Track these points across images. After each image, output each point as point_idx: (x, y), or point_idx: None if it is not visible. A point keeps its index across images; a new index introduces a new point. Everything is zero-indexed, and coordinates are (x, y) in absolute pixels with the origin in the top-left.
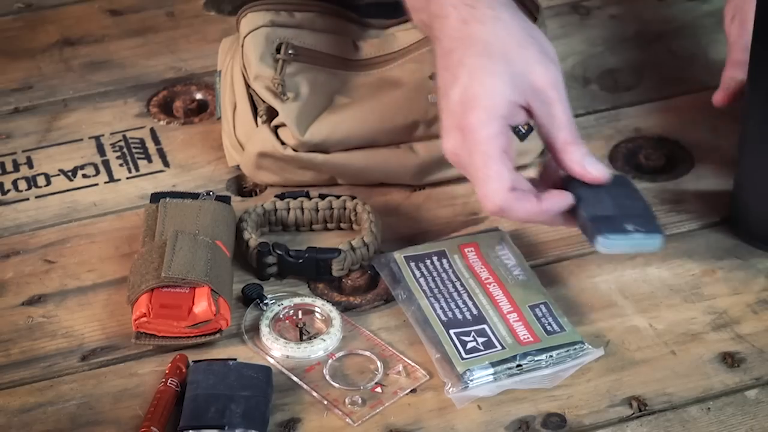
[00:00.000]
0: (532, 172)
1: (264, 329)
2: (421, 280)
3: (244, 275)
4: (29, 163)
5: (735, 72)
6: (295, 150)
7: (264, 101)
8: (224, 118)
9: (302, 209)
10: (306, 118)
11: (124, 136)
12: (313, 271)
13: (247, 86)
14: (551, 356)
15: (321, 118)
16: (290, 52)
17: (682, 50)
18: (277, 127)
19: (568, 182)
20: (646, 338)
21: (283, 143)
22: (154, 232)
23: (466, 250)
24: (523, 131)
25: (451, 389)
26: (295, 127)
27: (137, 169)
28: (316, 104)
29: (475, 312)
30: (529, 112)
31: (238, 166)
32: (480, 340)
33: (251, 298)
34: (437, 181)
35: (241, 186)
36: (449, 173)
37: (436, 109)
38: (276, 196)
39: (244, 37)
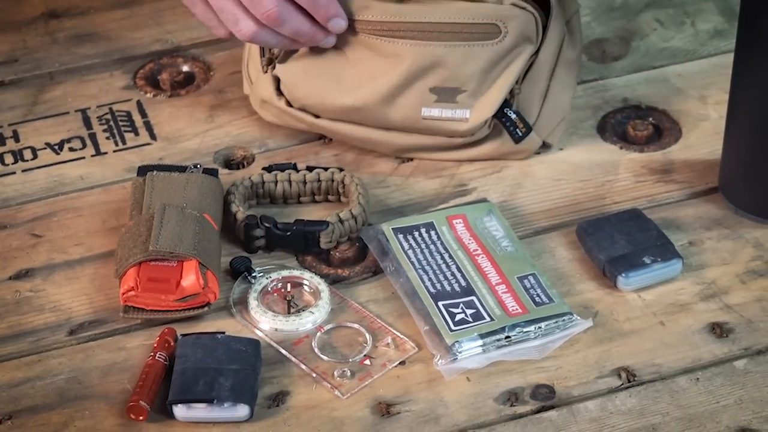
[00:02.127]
0: None
1: (252, 302)
2: (410, 252)
3: (232, 248)
4: (15, 137)
5: None
6: (289, 104)
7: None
8: (244, 51)
9: (290, 182)
10: (300, 81)
11: (110, 109)
12: (301, 243)
13: None
14: (540, 328)
15: (312, 85)
16: None
17: (670, 20)
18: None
19: (583, 234)
20: (634, 309)
21: (280, 93)
22: (142, 205)
23: (454, 221)
24: (520, 134)
25: (439, 361)
26: (287, 88)
27: (124, 143)
28: (312, 68)
29: (463, 284)
30: None
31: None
32: (468, 311)
33: (239, 271)
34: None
35: (229, 159)
36: (432, 156)
37: (426, 123)
38: (263, 169)
39: None
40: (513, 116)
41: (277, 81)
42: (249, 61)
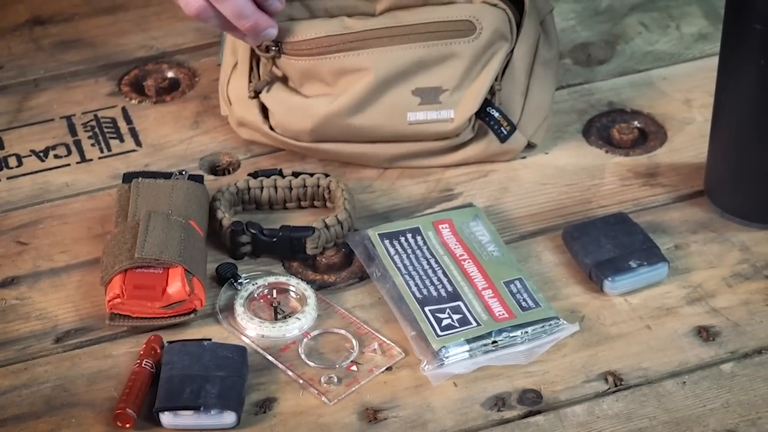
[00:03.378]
0: None
1: (239, 309)
2: (396, 257)
3: (217, 255)
4: (0, 144)
5: None
6: (272, 128)
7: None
8: (223, 69)
9: (275, 187)
10: (288, 110)
11: (95, 116)
12: (287, 249)
13: (251, 55)
14: (526, 332)
15: (298, 111)
16: (273, 49)
17: (655, 23)
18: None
19: (569, 238)
20: (620, 313)
21: (265, 118)
22: (127, 212)
23: (440, 226)
24: (505, 132)
25: (426, 366)
26: (276, 118)
27: (109, 149)
28: (293, 98)
29: (450, 289)
30: None
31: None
32: (455, 317)
33: (225, 277)
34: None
35: (215, 165)
36: (420, 163)
37: (413, 129)
38: (249, 175)
39: None
40: (496, 114)
41: (262, 106)
42: (230, 82)
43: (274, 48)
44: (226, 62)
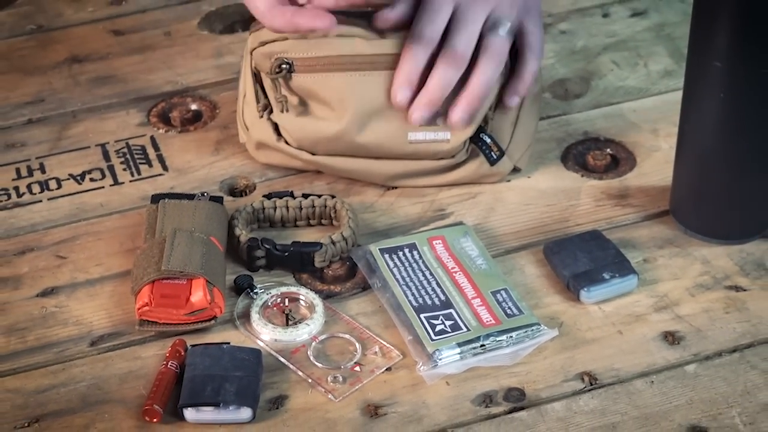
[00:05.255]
0: None
1: (254, 316)
2: (395, 269)
3: (235, 267)
4: (42, 169)
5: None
6: (287, 143)
7: (267, 98)
8: (238, 103)
9: (287, 207)
10: (300, 127)
11: (127, 144)
12: (298, 263)
13: (254, 80)
14: (511, 337)
15: (310, 128)
16: (285, 66)
17: (625, 61)
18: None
19: (549, 253)
20: (595, 320)
21: (279, 135)
22: (155, 229)
23: (434, 242)
24: (495, 157)
25: (422, 367)
26: (289, 134)
27: (139, 173)
28: (311, 114)
29: (442, 298)
30: None
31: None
32: (447, 323)
33: (242, 287)
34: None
35: (233, 187)
36: (418, 182)
37: (413, 147)
38: (264, 196)
39: (252, 49)
40: (488, 140)
41: (274, 125)
42: (244, 111)
43: (285, 65)
44: (239, 95)
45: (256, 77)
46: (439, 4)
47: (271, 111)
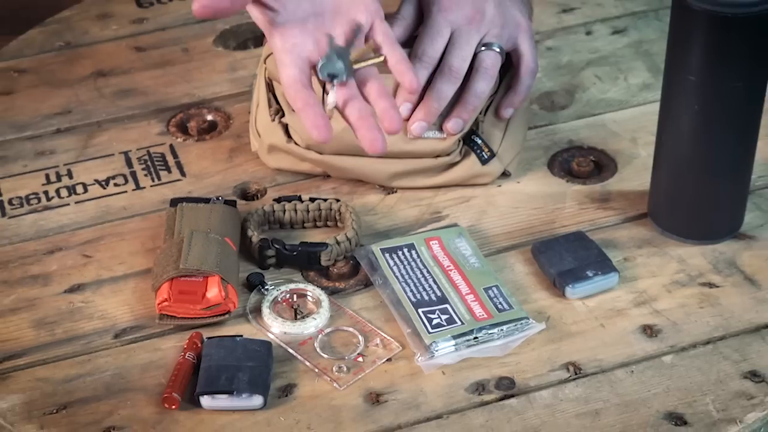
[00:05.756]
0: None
1: (265, 310)
2: (395, 268)
3: (248, 266)
4: (69, 175)
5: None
6: (297, 144)
7: (278, 103)
8: (251, 113)
9: (296, 210)
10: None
11: (148, 152)
12: (306, 261)
13: (267, 89)
14: (502, 330)
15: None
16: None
17: (607, 76)
18: (286, 123)
19: (537, 252)
20: (579, 314)
21: (289, 137)
22: (174, 230)
23: (431, 242)
24: (486, 156)
25: (420, 358)
26: (298, 134)
27: (159, 179)
28: None
29: (439, 294)
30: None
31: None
32: (443, 317)
33: (254, 284)
34: (406, 188)
35: (245, 192)
36: (417, 181)
37: (412, 144)
38: (274, 200)
39: (266, 57)
40: (479, 141)
41: (285, 128)
42: (256, 119)
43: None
44: (252, 106)
45: (269, 86)
46: (439, 28)
47: (283, 114)
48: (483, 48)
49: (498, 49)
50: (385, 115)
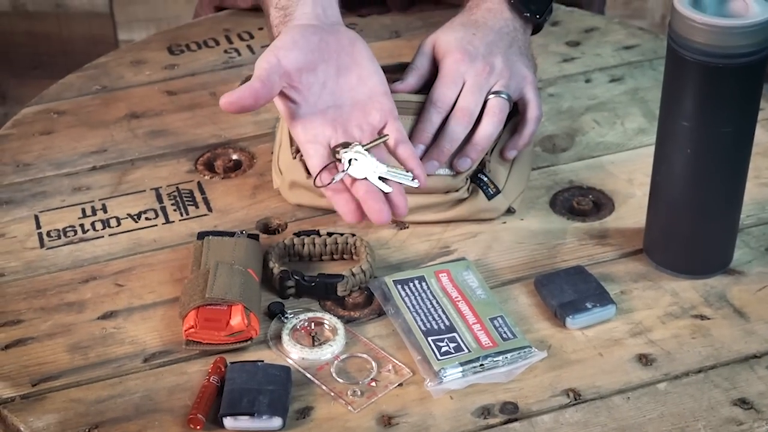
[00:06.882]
0: None
1: (285, 337)
2: (406, 298)
3: (269, 295)
4: (104, 209)
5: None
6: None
7: None
8: (274, 152)
9: (314, 244)
10: None
11: (177, 188)
12: (323, 292)
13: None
14: (506, 357)
15: None
16: None
17: (605, 120)
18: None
19: (539, 285)
20: (579, 343)
21: (309, 174)
22: (200, 262)
23: (440, 275)
24: (491, 192)
25: (429, 383)
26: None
27: (187, 214)
28: None
29: (447, 323)
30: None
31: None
32: (451, 345)
33: (275, 313)
34: (417, 222)
35: (267, 226)
36: (428, 215)
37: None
38: (294, 234)
39: None
40: (486, 179)
41: (305, 165)
42: (279, 157)
43: None
44: (275, 146)
45: None
46: (454, 77)
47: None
48: (492, 95)
49: (506, 97)
50: (372, 210)
